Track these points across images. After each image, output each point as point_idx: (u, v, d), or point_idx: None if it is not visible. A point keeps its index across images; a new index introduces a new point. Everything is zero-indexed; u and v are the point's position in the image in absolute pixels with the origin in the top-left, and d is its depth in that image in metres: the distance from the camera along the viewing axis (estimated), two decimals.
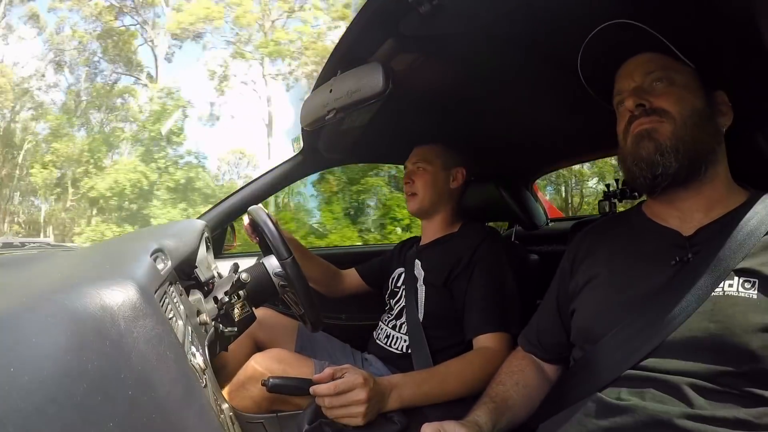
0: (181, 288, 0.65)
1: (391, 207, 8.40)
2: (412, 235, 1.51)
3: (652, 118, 0.62)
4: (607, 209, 1.43)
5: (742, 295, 0.53)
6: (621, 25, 0.64)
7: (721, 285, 0.55)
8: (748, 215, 0.58)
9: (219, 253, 1.42)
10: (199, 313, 0.68)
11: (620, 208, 1.38)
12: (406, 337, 1.04)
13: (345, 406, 0.74)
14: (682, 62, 0.63)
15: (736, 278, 0.55)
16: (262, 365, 0.94)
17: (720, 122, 0.64)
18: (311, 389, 0.76)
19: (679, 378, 0.54)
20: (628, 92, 0.65)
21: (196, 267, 0.77)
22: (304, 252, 1.21)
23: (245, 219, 1.09)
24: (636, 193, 1.24)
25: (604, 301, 0.64)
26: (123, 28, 14.09)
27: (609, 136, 0.70)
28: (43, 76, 13.53)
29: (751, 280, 0.54)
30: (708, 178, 0.62)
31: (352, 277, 1.31)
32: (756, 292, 0.53)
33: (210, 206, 1.43)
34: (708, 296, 0.55)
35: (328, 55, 0.81)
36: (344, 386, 0.74)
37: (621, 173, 0.76)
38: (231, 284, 0.75)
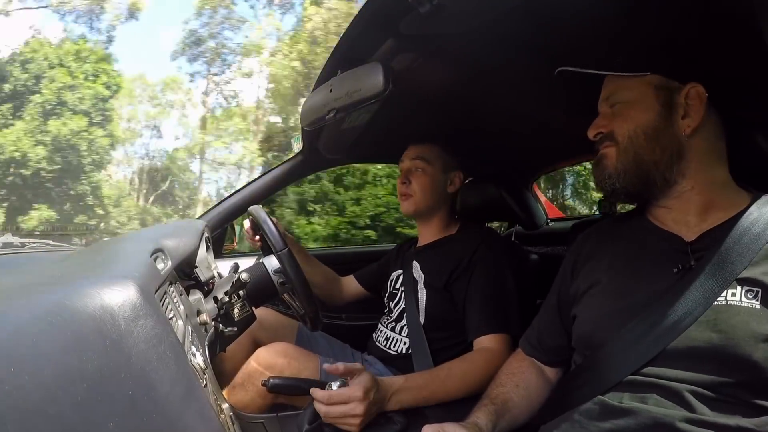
0: (181, 288, 0.65)
1: None
2: None
3: (604, 144, 0.66)
4: (608, 209, 1.43)
5: (745, 305, 0.53)
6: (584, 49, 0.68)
7: (724, 294, 0.54)
8: (751, 220, 0.57)
9: (219, 253, 1.42)
10: (199, 313, 0.68)
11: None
12: (406, 339, 1.04)
13: (340, 417, 0.73)
14: (637, 75, 0.63)
15: (739, 287, 0.54)
16: (265, 360, 0.93)
17: (681, 125, 0.61)
18: (311, 390, 0.76)
19: (681, 385, 0.54)
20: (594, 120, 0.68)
21: (196, 267, 0.77)
22: (306, 256, 1.21)
23: (246, 223, 1.09)
24: None
25: (605, 308, 0.63)
26: None
27: None
28: None
29: (754, 289, 0.53)
30: (686, 187, 0.62)
31: (351, 284, 1.30)
32: (759, 302, 0.53)
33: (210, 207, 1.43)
34: (710, 305, 0.54)
35: None
36: (339, 398, 0.73)
37: None
38: (231, 284, 0.75)
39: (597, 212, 1.65)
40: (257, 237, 1.05)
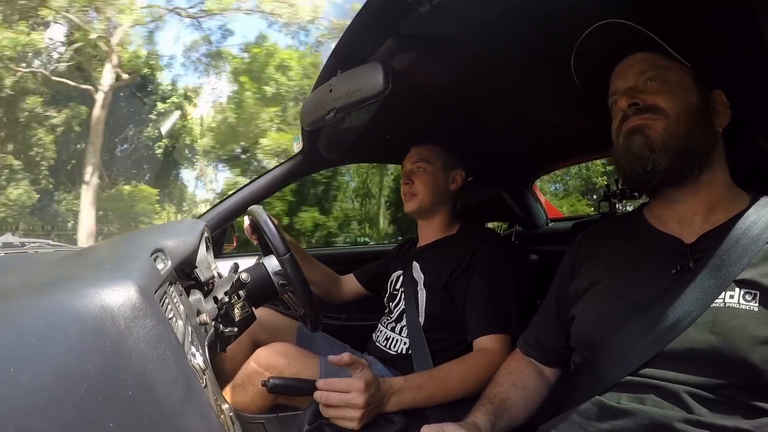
0: (181, 288, 0.65)
1: None
2: None
3: (645, 115, 0.62)
4: (607, 210, 1.43)
5: (743, 307, 0.53)
6: (614, 25, 0.64)
7: (722, 296, 0.54)
8: (750, 222, 0.57)
9: (219, 253, 1.42)
10: (199, 313, 0.68)
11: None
12: (406, 339, 1.04)
13: (341, 407, 0.73)
14: (678, 61, 0.63)
15: (737, 289, 0.54)
16: (266, 360, 0.93)
17: (716, 122, 0.63)
18: (317, 383, 0.76)
19: (679, 387, 0.54)
20: (621, 92, 0.65)
21: (196, 267, 0.77)
22: (304, 255, 1.21)
23: (246, 221, 1.09)
24: (636, 194, 1.24)
25: (603, 309, 0.63)
26: None
27: (609, 136, 0.70)
28: None
29: (752, 291, 0.53)
30: (704, 181, 0.62)
31: (350, 282, 1.31)
32: (757, 304, 0.53)
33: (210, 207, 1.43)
34: (708, 307, 0.54)
35: None
36: (341, 386, 0.74)
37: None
38: (231, 284, 0.75)
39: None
40: (255, 236, 1.05)
